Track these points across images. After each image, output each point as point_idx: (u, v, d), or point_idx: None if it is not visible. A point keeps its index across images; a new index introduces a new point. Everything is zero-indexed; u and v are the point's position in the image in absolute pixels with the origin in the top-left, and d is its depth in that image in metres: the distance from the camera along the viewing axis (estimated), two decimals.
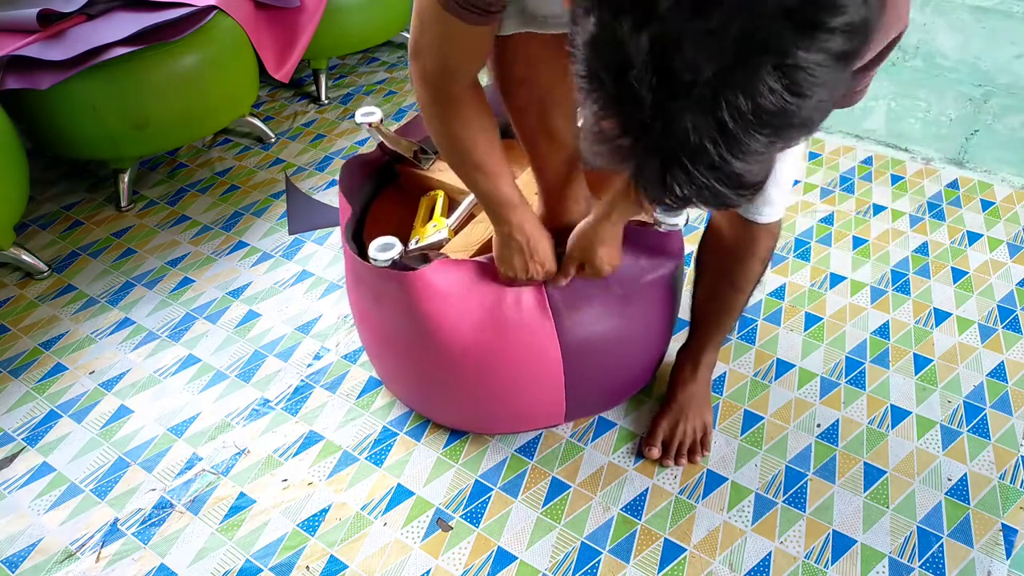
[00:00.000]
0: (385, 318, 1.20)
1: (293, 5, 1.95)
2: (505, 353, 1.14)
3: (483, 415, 1.25)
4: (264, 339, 1.48)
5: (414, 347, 1.18)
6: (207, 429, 1.31)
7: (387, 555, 1.13)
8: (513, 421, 1.26)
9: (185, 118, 1.74)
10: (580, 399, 1.22)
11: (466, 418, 1.28)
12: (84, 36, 1.58)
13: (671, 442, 1.24)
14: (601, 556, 1.13)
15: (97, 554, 1.14)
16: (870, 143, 1.97)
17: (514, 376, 1.16)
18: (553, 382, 1.17)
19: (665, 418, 1.26)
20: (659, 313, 1.23)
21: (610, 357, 1.20)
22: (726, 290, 1.16)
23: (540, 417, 1.25)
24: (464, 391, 1.21)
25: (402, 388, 1.33)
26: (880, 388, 1.36)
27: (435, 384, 1.24)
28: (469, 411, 1.25)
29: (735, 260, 1.12)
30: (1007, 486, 1.20)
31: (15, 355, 1.46)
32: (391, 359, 1.29)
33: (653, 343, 1.27)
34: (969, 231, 1.70)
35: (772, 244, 1.11)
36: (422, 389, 1.28)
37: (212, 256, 1.68)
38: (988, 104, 1.79)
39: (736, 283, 1.14)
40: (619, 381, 1.28)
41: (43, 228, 1.77)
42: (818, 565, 1.11)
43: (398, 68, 2.40)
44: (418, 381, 1.27)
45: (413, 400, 1.32)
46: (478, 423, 1.28)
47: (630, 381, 1.30)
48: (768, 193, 1.01)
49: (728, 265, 1.13)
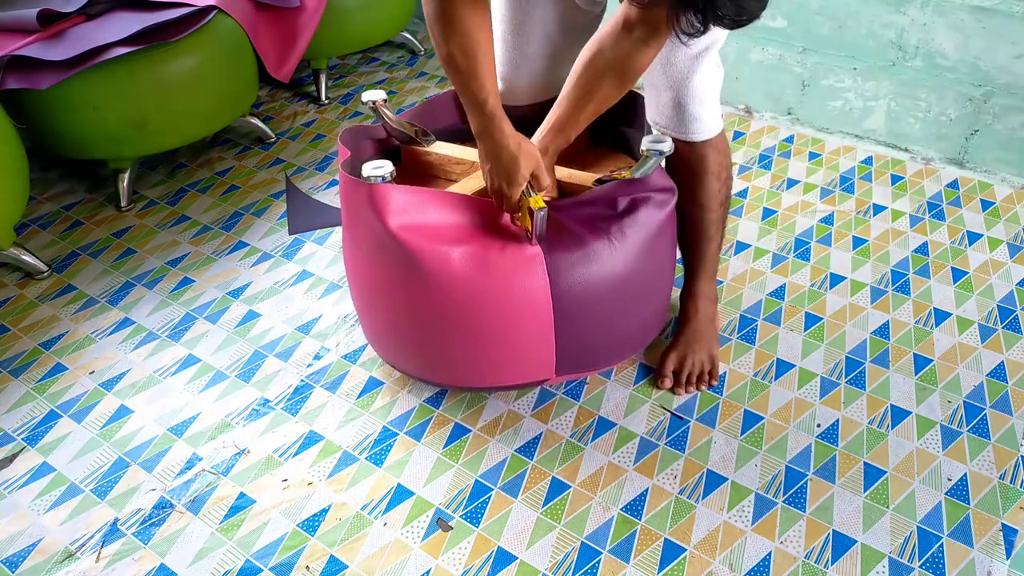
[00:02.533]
0: (371, 254, 1.18)
1: (293, 5, 1.95)
2: (491, 295, 1.12)
3: (467, 364, 1.23)
4: (264, 339, 1.48)
5: (398, 285, 1.17)
6: (207, 429, 1.31)
7: (387, 555, 1.13)
8: (498, 372, 1.23)
9: (185, 118, 1.75)
10: (572, 353, 1.21)
11: (450, 369, 1.25)
12: (84, 36, 1.58)
13: (680, 372, 1.33)
14: (601, 556, 1.13)
15: (97, 554, 1.14)
16: (870, 143, 1.97)
17: (500, 321, 1.15)
18: (542, 330, 1.16)
19: (673, 351, 1.35)
20: (659, 264, 1.22)
21: (607, 309, 1.19)
22: (695, 212, 1.28)
23: (527, 370, 1.22)
24: (449, 335, 1.18)
25: (387, 341, 1.30)
26: (880, 388, 1.36)
27: (418, 328, 1.21)
28: (454, 360, 1.23)
29: (693, 180, 1.25)
30: (1007, 486, 1.21)
31: (15, 355, 1.46)
32: (374, 305, 1.27)
33: (654, 299, 1.27)
34: (969, 231, 1.70)
35: (722, 159, 1.25)
36: (405, 337, 1.25)
37: (212, 256, 1.68)
38: (988, 104, 1.79)
39: (700, 202, 1.26)
40: (616, 336, 1.25)
41: (43, 228, 1.77)
42: (818, 565, 1.11)
43: (398, 68, 2.40)
44: (402, 329, 1.24)
45: (397, 355, 1.30)
46: (462, 375, 1.25)
47: (628, 337, 1.28)
48: (692, 112, 1.18)
49: (690, 187, 1.25)
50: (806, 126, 2.05)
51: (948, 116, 1.85)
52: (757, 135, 2.03)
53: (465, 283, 1.12)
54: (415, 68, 2.40)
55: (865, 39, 1.86)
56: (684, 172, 1.25)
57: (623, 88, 1.13)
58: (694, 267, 1.36)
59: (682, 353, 1.34)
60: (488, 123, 1.09)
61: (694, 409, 1.32)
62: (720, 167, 1.26)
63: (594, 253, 1.13)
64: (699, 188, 1.26)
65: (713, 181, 1.26)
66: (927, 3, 1.75)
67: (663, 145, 1.16)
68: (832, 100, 1.97)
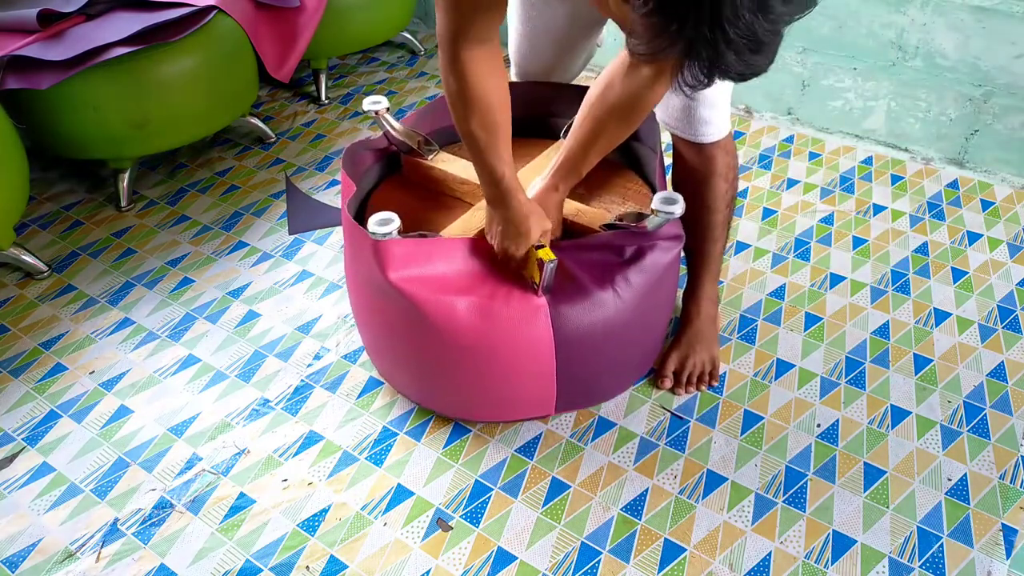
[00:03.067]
0: (375, 297, 1.19)
1: (293, 5, 1.95)
2: (496, 344, 1.14)
3: (468, 400, 1.25)
4: (264, 339, 1.48)
5: (402, 328, 1.18)
6: (207, 429, 1.31)
7: (387, 555, 1.13)
8: (498, 409, 1.26)
9: (185, 118, 1.75)
10: (573, 391, 1.23)
11: (450, 402, 1.28)
12: (84, 36, 1.58)
13: (681, 373, 1.34)
14: (601, 556, 1.13)
15: (97, 554, 1.14)
16: (870, 143, 1.97)
17: (503, 367, 1.16)
18: (544, 372, 1.17)
19: (674, 352, 1.35)
20: (661, 303, 1.23)
21: (608, 351, 1.20)
22: (702, 213, 1.27)
23: (527, 407, 1.25)
24: (450, 375, 1.21)
25: (393, 370, 1.33)
26: (880, 388, 1.36)
27: (420, 364, 1.23)
28: (454, 395, 1.25)
29: (701, 182, 1.25)
30: (1007, 486, 1.21)
31: (15, 355, 1.46)
32: (381, 339, 1.28)
33: (654, 332, 1.28)
34: (969, 231, 1.70)
35: (730, 160, 1.25)
36: (406, 368, 1.28)
37: (212, 256, 1.68)
38: (988, 104, 1.79)
39: (708, 203, 1.26)
40: (616, 371, 1.28)
41: (43, 228, 1.77)
42: (818, 565, 1.11)
43: (398, 68, 2.40)
44: (402, 361, 1.27)
45: (405, 384, 1.32)
46: (463, 408, 1.28)
47: (627, 370, 1.31)
48: (702, 114, 1.18)
49: (697, 188, 1.25)
50: (806, 126, 2.04)
51: (948, 116, 1.85)
52: (757, 135, 2.03)
53: (470, 332, 1.13)
54: (415, 68, 2.40)
55: (865, 39, 1.86)
56: (691, 173, 1.25)
57: (631, 126, 1.13)
58: (698, 269, 1.37)
59: (684, 354, 1.35)
60: (503, 196, 1.10)
61: (694, 409, 1.32)
62: (728, 168, 1.26)
63: (599, 302, 1.15)
64: (706, 190, 1.26)
65: (720, 182, 1.26)
66: (927, 3, 1.75)
67: (675, 207, 1.11)
68: (832, 100, 1.97)
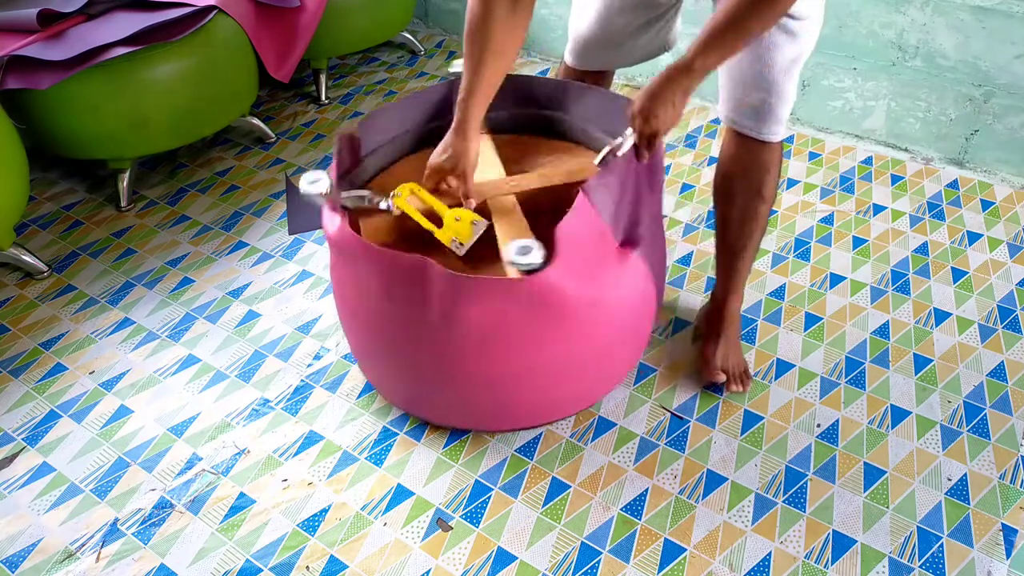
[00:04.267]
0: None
1: (293, 5, 1.95)
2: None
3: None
4: (264, 339, 1.48)
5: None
6: (207, 429, 1.31)
7: (387, 555, 1.13)
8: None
9: (185, 118, 1.75)
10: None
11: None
12: (84, 36, 1.58)
13: (728, 370, 1.34)
14: (601, 556, 1.13)
15: (97, 554, 1.14)
16: (870, 143, 1.97)
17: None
18: None
19: (718, 351, 1.35)
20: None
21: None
22: (757, 204, 1.27)
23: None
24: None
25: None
26: (880, 388, 1.36)
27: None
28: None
29: (762, 175, 1.25)
30: (1007, 486, 1.20)
31: (15, 355, 1.46)
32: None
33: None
34: (969, 231, 1.70)
35: (780, 156, 1.27)
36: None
37: (212, 256, 1.68)
38: (988, 104, 1.79)
39: (764, 195, 1.27)
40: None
41: (43, 228, 1.77)
42: (818, 565, 1.11)
43: (398, 68, 2.40)
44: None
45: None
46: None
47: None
48: (779, 113, 1.19)
49: (756, 181, 1.26)
50: (806, 126, 2.05)
51: (948, 116, 1.85)
52: None
53: None
54: (415, 68, 2.40)
55: (865, 39, 1.86)
56: (755, 168, 1.25)
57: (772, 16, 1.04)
58: (738, 266, 1.34)
59: (725, 352, 1.36)
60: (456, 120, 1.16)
61: (694, 409, 1.32)
62: (779, 163, 1.28)
63: None
64: (767, 180, 1.26)
65: (776, 175, 1.28)
66: (927, 3, 1.75)
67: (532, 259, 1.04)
68: (832, 100, 1.97)
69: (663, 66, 1.08)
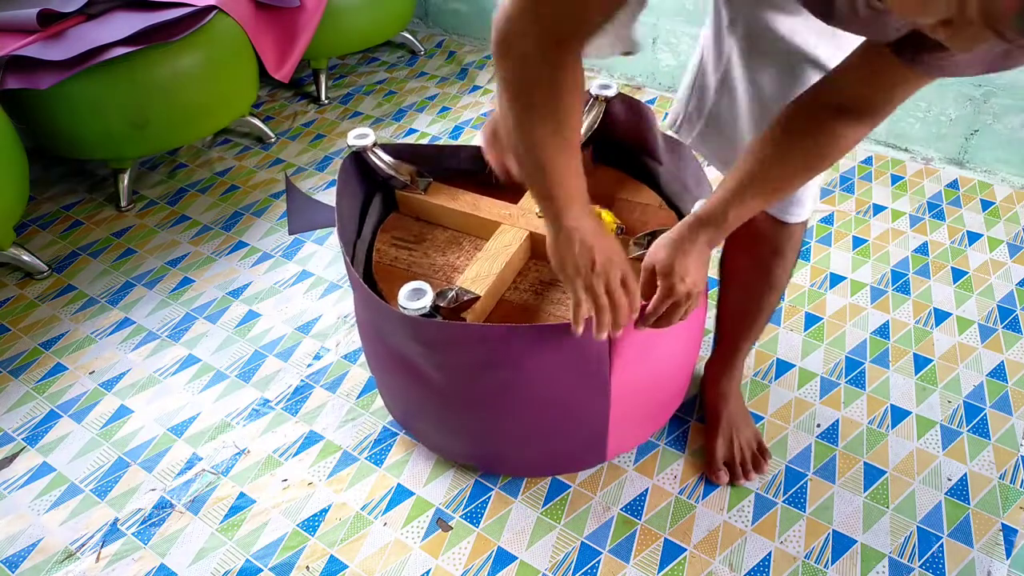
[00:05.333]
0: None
1: (293, 5, 1.95)
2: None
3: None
4: (264, 339, 1.48)
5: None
6: (207, 429, 1.31)
7: (387, 555, 1.13)
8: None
9: (185, 118, 1.75)
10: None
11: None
12: (84, 36, 1.58)
13: (732, 462, 1.22)
14: (601, 556, 1.13)
15: (97, 554, 1.14)
16: (870, 143, 1.97)
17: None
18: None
19: (718, 440, 1.24)
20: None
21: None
22: (764, 291, 1.13)
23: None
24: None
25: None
26: (880, 388, 1.36)
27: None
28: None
29: (773, 257, 1.09)
30: (1007, 486, 1.21)
31: (15, 355, 1.46)
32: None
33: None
34: (969, 231, 1.70)
35: (800, 241, 1.09)
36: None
37: (212, 256, 1.68)
38: (988, 104, 1.79)
39: (773, 283, 1.12)
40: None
41: (43, 228, 1.77)
42: (818, 565, 1.11)
43: (398, 68, 2.40)
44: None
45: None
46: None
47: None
48: (798, 195, 1.00)
49: (768, 265, 1.10)
50: None
51: (948, 116, 1.85)
52: None
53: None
54: (415, 68, 2.40)
55: None
56: (765, 249, 1.09)
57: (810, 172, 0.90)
58: (735, 347, 1.23)
59: (728, 439, 1.24)
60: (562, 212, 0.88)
61: (694, 409, 1.32)
62: (797, 248, 1.10)
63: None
64: (779, 266, 1.10)
65: (791, 259, 1.10)
66: None
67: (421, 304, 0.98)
68: None
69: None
